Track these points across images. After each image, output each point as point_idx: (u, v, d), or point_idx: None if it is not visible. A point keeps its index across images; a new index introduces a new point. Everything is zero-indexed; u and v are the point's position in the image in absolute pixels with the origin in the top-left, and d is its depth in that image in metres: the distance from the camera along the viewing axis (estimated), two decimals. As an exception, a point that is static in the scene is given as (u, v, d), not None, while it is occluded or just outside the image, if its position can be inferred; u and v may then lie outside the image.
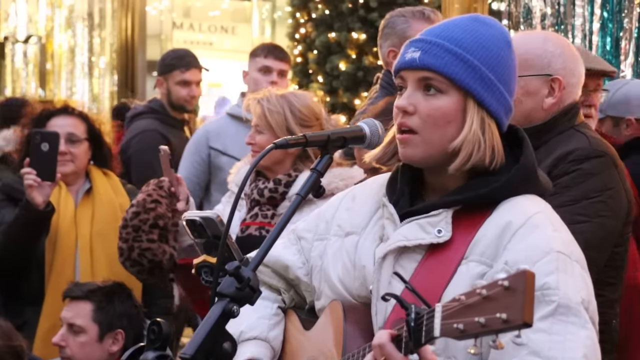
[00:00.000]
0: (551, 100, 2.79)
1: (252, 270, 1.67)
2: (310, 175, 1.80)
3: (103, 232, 3.75)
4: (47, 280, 3.67)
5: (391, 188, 1.94)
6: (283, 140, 1.78)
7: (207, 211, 2.96)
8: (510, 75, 1.87)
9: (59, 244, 3.70)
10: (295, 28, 8.45)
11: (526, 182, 1.85)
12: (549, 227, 1.80)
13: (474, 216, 1.82)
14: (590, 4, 6.19)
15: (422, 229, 1.82)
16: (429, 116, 1.81)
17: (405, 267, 1.83)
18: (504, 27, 1.94)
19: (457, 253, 1.79)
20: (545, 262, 1.73)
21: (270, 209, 3.31)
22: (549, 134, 2.78)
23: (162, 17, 11.74)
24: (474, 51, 1.82)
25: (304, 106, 3.24)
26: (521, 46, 2.81)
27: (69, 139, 3.74)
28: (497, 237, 1.78)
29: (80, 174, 3.82)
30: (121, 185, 3.91)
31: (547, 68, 2.79)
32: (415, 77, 1.83)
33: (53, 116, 3.80)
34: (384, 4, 7.74)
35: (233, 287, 1.64)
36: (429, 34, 1.86)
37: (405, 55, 1.85)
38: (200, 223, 2.55)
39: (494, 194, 1.82)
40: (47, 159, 3.57)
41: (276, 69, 4.65)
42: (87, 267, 3.71)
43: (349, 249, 1.95)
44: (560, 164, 2.68)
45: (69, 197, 3.78)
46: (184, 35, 12.40)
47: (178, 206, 3.35)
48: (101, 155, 3.88)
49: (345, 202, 2.04)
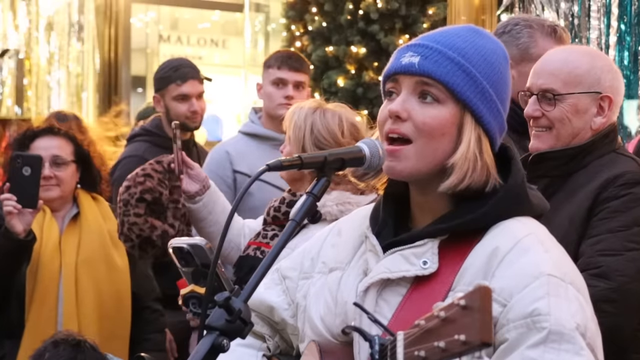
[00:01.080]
0: (601, 119, 2.83)
1: (243, 301, 1.66)
2: (306, 199, 1.78)
3: (90, 260, 3.74)
4: (27, 312, 3.66)
5: (375, 218, 1.93)
6: (277, 162, 1.75)
7: (196, 238, 2.96)
8: (507, 92, 1.88)
9: (40, 273, 3.69)
10: (290, 41, 8.46)
11: (515, 204, 1.84)
12: (539, 249, 1.78)
13: (462, 244, 1.81)
14: (606, 16, 6.22)
15: (407, 260, 1.81)
16: (424, 124, 1.80)
17: (389, 301, 1.82)
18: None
19: (444, 285, 1.78)
20: (535, 286, 1.72)
21: (275, 229, 3.35)
22: (588, 157, 2.81)
23: (148, 29, 11.77)
24: (476, 63, 1.82)
25: (324, 126, 3.22)
26: (568, 61, 2.84)
27: (54, 162, 3.74)
28: (484, 264, 1.77)
29: (67, 199, 3.83)
30: (110, 210, 3.91)
31: (596, 85, 2.83)
32: (412, 83, 1.82)
33: (37, 137, 3.80)
34: (385, 15, 7.76)
35: (223, 320, 1.62)
36: (428, 40, 1.85)
37: (401, 60, 1.84)
38: (188, 250, 2.56)
39: (481, 220, 1.81)
40: (29, 184, 3.56)
41: (292, 81, 4.45)
42: (71, 298, 3.70)
43: (332, 286, 1.94)
44: (610, 186, 2.71)
45: (53, 223, 3.77)
46: (171, 49, 12.42)
47: (183, 187, 3.45)
48: (89, 178, 3.88)
49: (331, 238, 2.03)
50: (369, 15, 7.77)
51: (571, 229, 2.72)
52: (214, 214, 3.53)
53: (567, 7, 6.42)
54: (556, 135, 2.83)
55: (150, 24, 11.77)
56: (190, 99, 4.70)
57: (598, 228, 2.69)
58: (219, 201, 3.57)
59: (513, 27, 3.46)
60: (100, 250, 3.75)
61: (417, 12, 7.78)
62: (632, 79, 6.10)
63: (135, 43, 10.75)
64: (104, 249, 3.76)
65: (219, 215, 3.54)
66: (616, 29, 6.17)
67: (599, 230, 2.69)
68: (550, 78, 2.84)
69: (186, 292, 2.57)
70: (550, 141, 2.84)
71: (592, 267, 2.64)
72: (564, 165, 2.83)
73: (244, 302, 1.66)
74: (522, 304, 1.70)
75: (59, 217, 3.81)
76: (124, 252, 3.81)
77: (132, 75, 10.62)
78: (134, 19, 10.83)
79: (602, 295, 2.59)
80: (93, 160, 3.90)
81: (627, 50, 6.17)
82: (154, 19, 11.92)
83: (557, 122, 2.83)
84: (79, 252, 3.75)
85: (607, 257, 2.64)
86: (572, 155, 2.82)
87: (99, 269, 3.73)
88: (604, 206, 2.70)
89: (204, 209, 3.52)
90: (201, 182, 3.51)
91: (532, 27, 3.43)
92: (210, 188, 3.54)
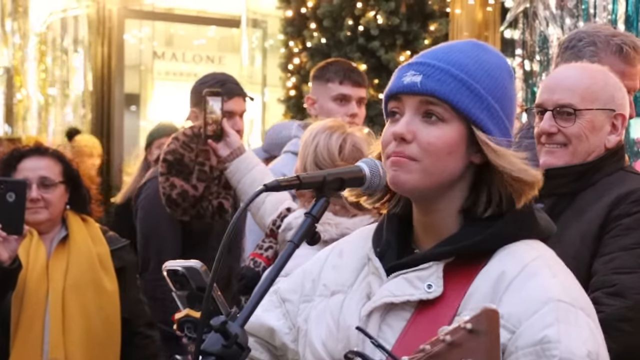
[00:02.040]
0: (615, 137, 2.86)
1: (240, 325, 1.64)
2: (304, 220, 1.77)
3: (78, 285, 3.69)
4: (12, 338, 3.62)
5: (377, 239, 1.92)
6: (275, 182, 1.74)
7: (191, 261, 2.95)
8: (513, 107, 1.87)
9: (26, 298, 3.63)
10: (288, 58, 8.48)
11: (523, 227, 1.83)
12: (547, 274, 1.77)
13: (468, 267, 1.79)
14: (613, 32, 6.23)
15: (411, 284, 1.80)
16: (430, 144, 1.79)
17: (393, 325, 1.82)
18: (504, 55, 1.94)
19: (450, 309, 1.76)
20: (544, 313, 1.71)
21: (272, 241, 3.51)
22: (596, 175, 2.82)
23: (142, 46, 11.77)
24: (480, 79, 1.81)
25: (325, 145, 3.28)
26: (584, 77, 2.86)
27: (42, 183, 3.70)
28: (491, 289, 1.76)
29: (56, 221, 3.78)
30: (101, 232, 3.86)
31: (611, 102, 2.85)
32: (415, 102, 1.81)
33: (24, 157, 3.76)
34: (385, 32, 7.77)
35: (219, 345, 1.61)
36: (430, 57, 1.85)
37: (402, 79, 1.83)
38: (182, 273, 2.54)
39: (488, 243, 1.80)
40: (14, 210, 3.51)
41: (355, 98, 4.29)
42: (58, 325, 3.64)
43: (334, 310, 1.92)
44: (621, 204, 2.72)
45: (40, 246, 3.72)
46: (165, 66, 12.43)
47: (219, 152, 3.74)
48: (79, 198, 3.83)
49: (332, 259, 2.02)
50: (369, 31, 7.79)
51: (583, 247, 2.73)
52: (242, 184, 3.69)
53: (572, 22, 6.44)
54: (572, 151, 2.84)
55: (144, 40, 11.78)
56: (234, 117, 4.23)
57: (610, 246, 2.70)
58: (250, 174, 3.69)
59: (577, 43, 3.38)
60: (89, 274, 3.70)
61: (418, 28, 7.80)
62: (638, 96, 6.12)
63: (128, 60, 10.76)
64: (93, 274, 3.72)
65: (248, 187, 3.67)
66: (623, 45, 6.19)
67: (611, 248, 2.70)
68: (567, 93, 2.85)
69: (181, 317, 2.56)
70: (566, 157, 2.84)
71: (607, 286, 2.66)
72: (572, 183, 2.83)
73: (240, 326, 1.64)
74: (531, 331, 1.70)
75: (47, 239, 3.76)
76: (114, 277, 3.77)
77: (125, 92, 10.63)
78: (128, 35, 10.84)
79: (618, 314, 2.60)
80: (82, 180, 3.87)
81: (634, 67, 6.18)
82: (148, 35, 11.92)
83: (574, 139, 2.84)
84: (66, 276, 3.70)
85: (621, 275, 2.66)
86: (581, 173, 2.83)
87: (87, 294, 3.68)
88: (615, 224, 2.72)
89: (232, 177, 3.74)
90: (231, 149, 3.74)
91: (596, 45, 3.34)
92: (240, 157, 3.72)
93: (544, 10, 6.56)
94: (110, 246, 3.81)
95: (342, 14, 7.92)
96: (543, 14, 6.58)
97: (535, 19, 6.67)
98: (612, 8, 6.23)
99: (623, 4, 6.18)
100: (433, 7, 7.69)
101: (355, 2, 7.84)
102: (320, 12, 8.01)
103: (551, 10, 6.51)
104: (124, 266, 3.86)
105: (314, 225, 1.77)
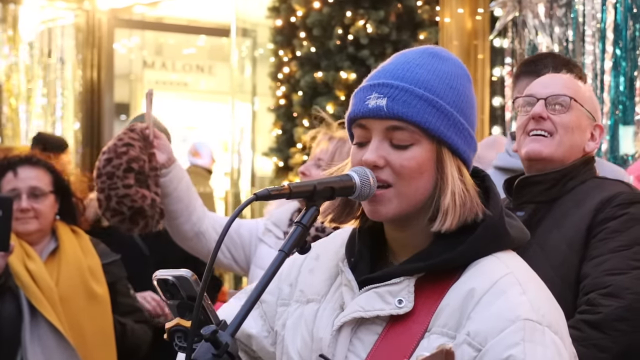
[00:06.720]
0: (593, 145, 2.93)
1: (230, 334, 1.64)
2: (295, 229, 1.75)
3: (68, 298, 3.68)
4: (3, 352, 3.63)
5: (350, 249, 1.92)
6: (265, 191, 1.72)
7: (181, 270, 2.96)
8: (474, 113, 1.88)
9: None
10: (278, 67, 8.48)
11: (494, 240, 1.83)
12: (516, 291, 1.76)
13: (439, 282, 1.79)
14: (601, 41, 6.26)
15: (382, 299, 1.80)
16: (403, 167, 1.79)
17: (364, 340, 1.81)
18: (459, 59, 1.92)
19: (420, 325, 1.77)
20: (511, 331, 1.71)
21: None
22: (571, 182, 2.88)
23: (132, 55, 11.78)
24: (443, 94, 1.81)
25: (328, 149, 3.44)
26: (575, 81, 2.98)
27: (32, 194, 3.69)
28: (460, 305, 1.75)
29: (46, 232, 3.77)
30: (91, 244, 3.86)
31: (594, 112, 2.95)
32: (382, 127, 1.80)
33: (15, 166, 3.75)
34: (375, 41, 7.78)
35: (209, 354, 1.61)
36: (391, 77, 1.82)
37: (366, 102, 1.81)
38: (173, 283, 2.54)
39: (458, 260, 1.80)
40: (0, 226, 3.50)
41: None
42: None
43: (308, 319, 1.92)
44: (605, 207, 2.77)
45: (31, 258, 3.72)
46: (155, 75, 12.45)
47: (157, 158, 3.53)
48: (69, 209, 3.83)
49: (308, 262, 2.01)
50: (359, 40, 7.79)
51: (571, 253, 2.76)
52: (178, 191, 3.62)
53: (561, 31, 6.46)
54: (558, 142, 2.88)
55: (134, 49, 11.79)
56: None
57: (599, 249, 2.74)
58: (184, 180, 3.67)
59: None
60: (80, 286, 3.68)
61: (408, 37, 7.80)
62: (627, 105, 6.14)
63: (118, 69, 10.75)
64: (84, 285, 3.70)
65: (184, 192, 3.63)
66: (611, 54, 6.21)
67: (600, 251, 2.73)
68: (561, 87, 2.92)
69: (171, 326, 2.56)
70: (551, 147, 2.88)
71: (600, 287, 2.68)
72: (548, 190, 2.87)
73: (231, 335, 1.64)
74: (497, 350, 1.70)
75: (37, 251, 3.74)
76: (106, 287, 3.77)
77: (115, 102, 10.62)
78: (117, 44, 10.84)
79: (616, 314, 2.64)
80: (73, 190, 3.86)
81: (622, 76, 6.21)
82: (138, 45, 11.94)
83: (561, 129, 2.88)
84: (57, 288, 3.68)
85: (614, 276, 2.69)
86: (556, 179, 2.87)
87: (77, 306, 3.67)
88: (602, 227, 2.75)
89: (170, 184, 3.60)
90: (168, 153, 3.60)
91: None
92: (176, 162, 3.63)
93: (533, 19, 6.58)
94: (101, 258, 3.80)
95: (331, 23, 7.93)
96: (532, 22, 6.60)
97: (524, 28, 6.69)
98: (601, 17, 6.25)
99: (612, 12, 6.21)
100: (422, 16, 7.69)
101: (344, 11, 7.85)
102: (309, 21, 8.01)
103: (540, 19, 6.53)
104: (115, 282, 3.84)
105: (305, 234, 1.76)
